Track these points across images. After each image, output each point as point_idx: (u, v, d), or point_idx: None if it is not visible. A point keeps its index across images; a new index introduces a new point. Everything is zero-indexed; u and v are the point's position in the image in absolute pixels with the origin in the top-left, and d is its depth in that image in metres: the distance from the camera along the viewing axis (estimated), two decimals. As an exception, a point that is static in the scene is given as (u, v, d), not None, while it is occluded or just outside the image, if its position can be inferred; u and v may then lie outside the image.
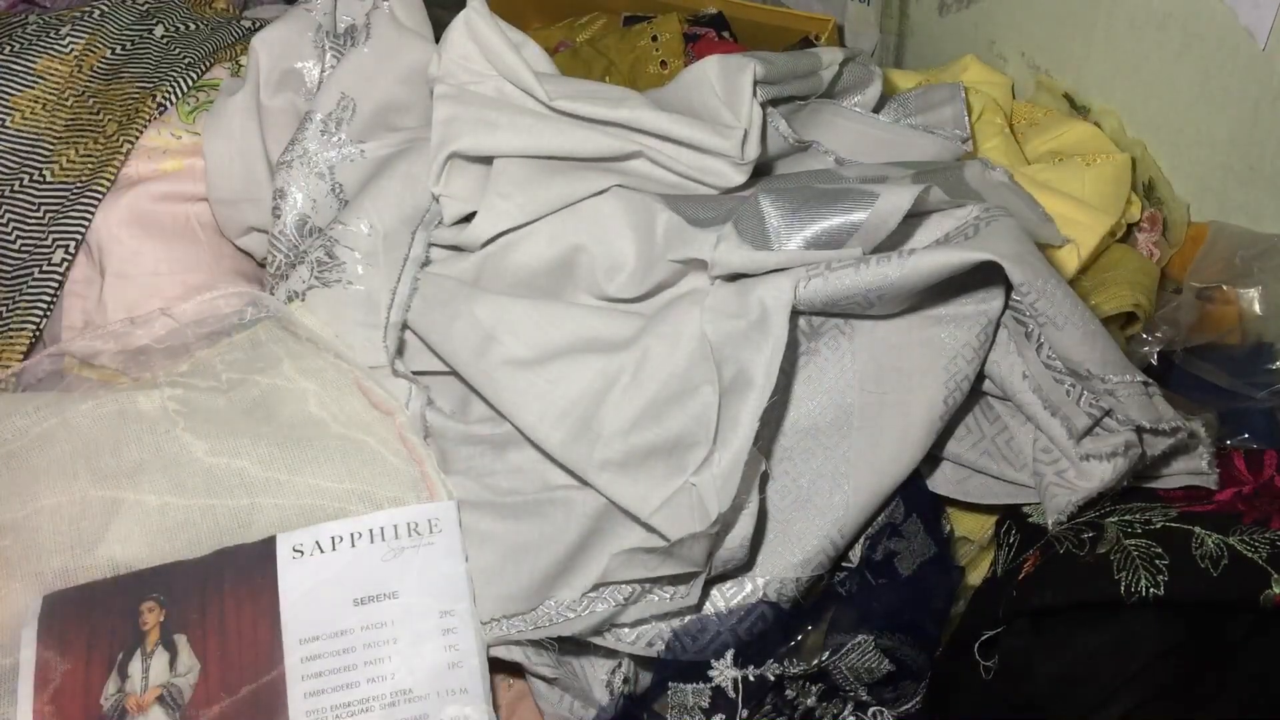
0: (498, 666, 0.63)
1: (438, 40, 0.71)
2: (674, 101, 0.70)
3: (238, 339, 0.68)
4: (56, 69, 0.79)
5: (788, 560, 0.61)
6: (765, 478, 0.60)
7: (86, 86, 0.79)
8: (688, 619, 0.61)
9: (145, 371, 0.67)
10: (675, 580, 0.59)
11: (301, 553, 0.60)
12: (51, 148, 0.76)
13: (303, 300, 0.68)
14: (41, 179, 0.75)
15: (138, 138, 0.75)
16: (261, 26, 0.77)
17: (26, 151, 0.76)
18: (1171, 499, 0.60)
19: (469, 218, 0.68)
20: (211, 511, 0.62)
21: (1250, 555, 0.53)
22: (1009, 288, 0.59)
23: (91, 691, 0.57)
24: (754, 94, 0.66)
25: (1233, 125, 0.77)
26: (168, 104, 0.77)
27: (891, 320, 0.62)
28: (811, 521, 0.61)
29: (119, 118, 0.76)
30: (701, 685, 0.59)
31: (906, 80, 0.90)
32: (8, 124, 0.76)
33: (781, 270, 0.59)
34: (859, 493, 0.60)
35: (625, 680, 0.62)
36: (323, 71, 0.75)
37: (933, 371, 0.60)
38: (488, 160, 0.68)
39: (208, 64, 0.80)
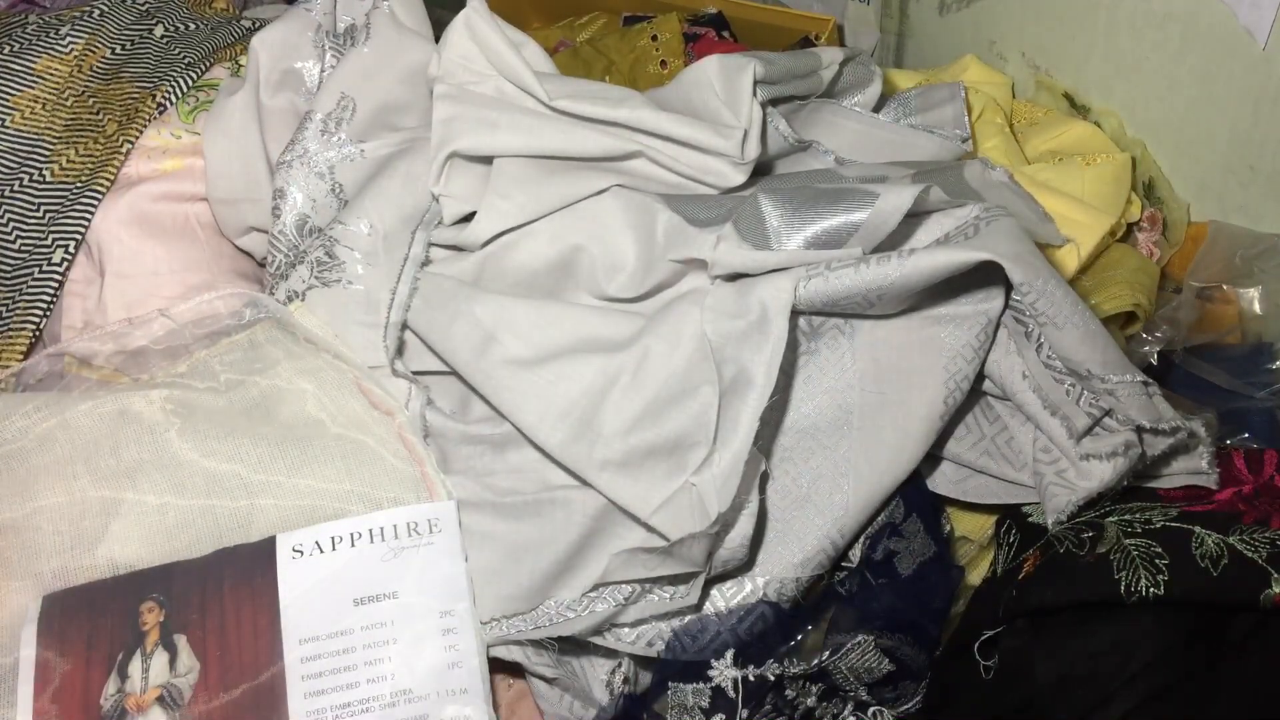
0: (498, 666, 0.63)
1: (438, 40, 0.71)
2: (674, 101, 0.70)
3: (236, 340, 0.68)
4: (56, 69, 0.79)
5: (788, 560, 0.61)
6: (765, 478, 0.60)
7: (86, 86, 0.79)
8: (688, 619, 0.61)
9: (144, 372, 0.67)
10: (675, 580, 0.59)
11: (301, 553, 0.60)
12: (51, 147, 0.76)
13: (302, 300, 0.68)
14: (41, 179, 0.75)
15: (138, 137, 0.75)
16: (261, 26, 0.77)
17: (26, 151, 0.76)
18: (1171, 499, 0.60)
19: (469, 217, 0.68)
20: (211, 512, 0.62)
21: (1250, 555, 0.53)
22: (1009, 287, 0.59)
23: (91, 692, 0.57)
24: (754, 94, 0.66)
25: (1233, 125, 0.77)
26: (167, 104, 0.77)
27: (891, 320, 0.62)
28: (811, 521, 0.61)
29: (119, 117, 0.76)
30: (701, 685, 0.59)
31: (906, 80, 0.90)
32: (8, 124, 0.76)
33: (781, 270, 0.59)
34: (859, 492, 0.60)
35: (625, 680, 0.62)
36: (323, 71, 0.75)
37: (933, 371, 0.60)
38: (488, 160, 0.68)
39: (208, 64, 0.80)
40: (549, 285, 0.67)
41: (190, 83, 0.79)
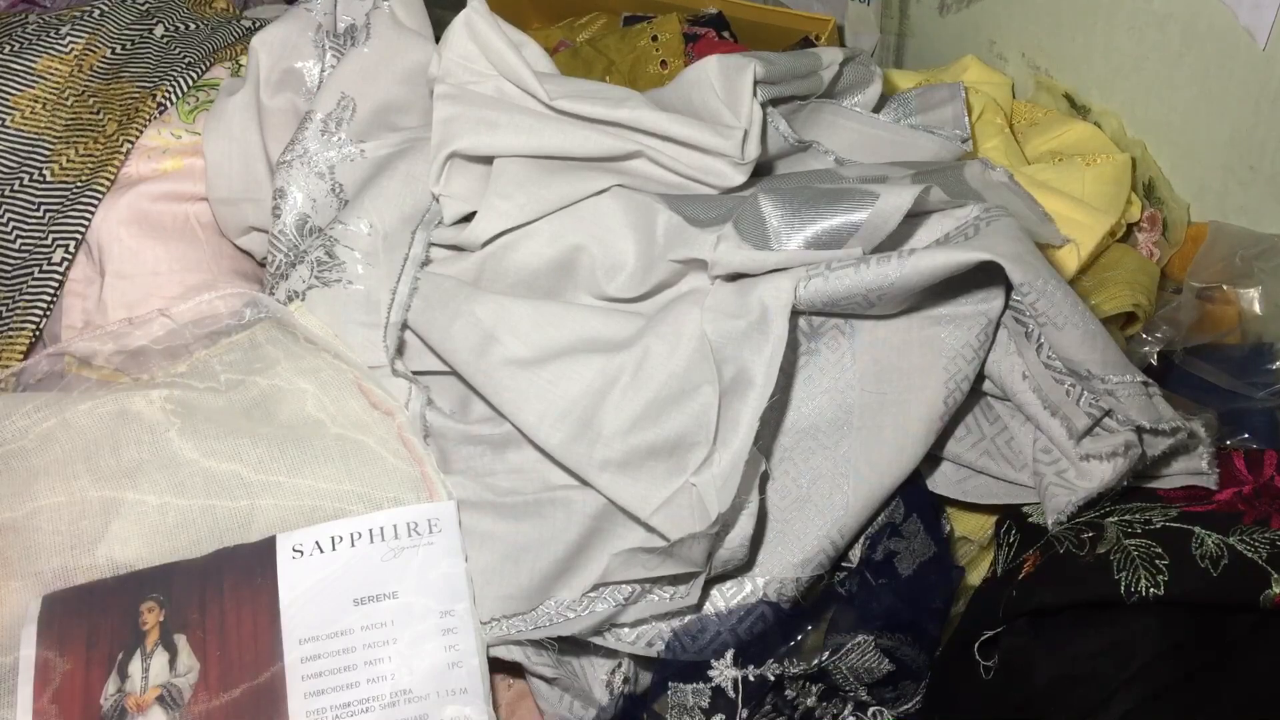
0: (498, 666, 0.63)
1: (438, 40, 0.71)
2: (674, 101, 0.70)
3: (236, 340, 0.68)
4: (56, 69, 0.79)
5: (787, 560, 0.61)
6: (765, 478, 0.60)
7: (86, 86, 0.79)
8: (688, 619, 0.61)
9: (144, 372, 0.67)
10: (675, 580, 0.59)
11: (301, 553, 0.60)
12: (51, 147, 0.76)
13: (302, 300, 0.68)
14: (41, 179, 0.75)
15: (138, 137, 0.75)
16: (261, 26, 0.77)
17: (26, 151, 0.76)
18: (1171, 499, 0.60)
19: (469, 217, 0.68)
20: (211, 512, 0.62)
21: (1250, 555, 0.53)
22: (1009, 288, 0.59)
23: (91, 691, 0.57)
24: (754, 94, 0.66)
25: (1233, 125, 0.77)
26: (168, 104, 0.77)
27: (892, 320, 0.62)
28: (811, 521, 0.61)
29: (119, 117, 0.76)
30: (701, 685, 0.59)
31: (906, 80, 0.90)
32: (8, 124, 0.76)
33: (782, 270, 0.59)
34: (859, 492, 0.60)
35: (625, 680, 0.62)
36: (323, 71, 0.75)
37: (933, 371, 0.60)
38: (488, 160, 0.68)
39: (208, 64, 0.80)
40: (549, 285, 0.67)
41: (190, 83, 0.79)
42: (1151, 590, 0.53)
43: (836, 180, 0.66)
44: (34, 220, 0.73)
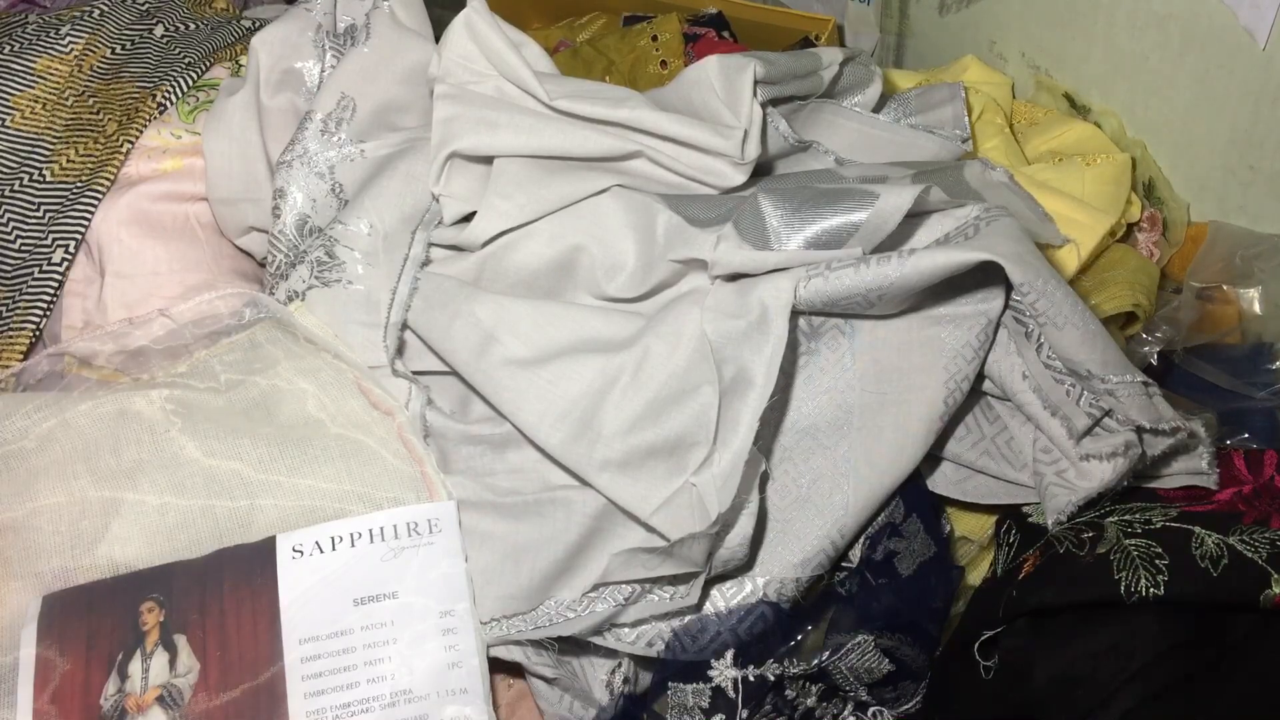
0: (498, 666, 0.63)
1: (438, 40, 0.71)
2: (674, 101, 0.70)
3: (236, 340, 0.68)
4: (56, 69, 0.79)
5: (787, 560, 0.61)
6: (765, 478, 0.60)
7: (86, 86, 0.79)
8: (688, 619, 0.61)
9: (144, 372, 0.67)
10: (675, 580, 0.59)
11: (301, 553, 0.60)
12: (51, 147, 0.76)
13: (302, 300, 0.68)
14: (41, 179, 0.75)
15: (138, 137, 0.75)
16: (261, 26, 0.77)
17: (26, 151, 0.76)
18: (1171, 499, 0.60)
19: (469, 217, 0.68)
20: (211, 512, 0.62)
21: (1250, 555, 0.53)
22: (1009, 288, 0.59)
23: (91, 692, 0.57)
24: (754, 94, 0.66)
25: (1233, 125, 0.77)
26: (168, 104, 0.77)
27: (891, 320, 0.62)
28: (811, 521, 0.61)
29: (119, 117, 0.76)
30: (701, 685, 0.59)
31: (906, 80, 0.90)
32: (8, 124, 0.76)
33: (782, 270, 0.59)
34: (859, 492, 0.60)
35: (625, 680, 0.62)
36: (323, 71, 0.75)
37: (933, 371, 0.60)
38: (488, 160, 0.68)
39: (208, 64, 0.80)
40: (549, 285, 0.67)
41: (190, 83, 0.79)
42: (1151, 590, 0.53)
43: (836, 180, 0.66)
44: (34, 220, 0.73)
